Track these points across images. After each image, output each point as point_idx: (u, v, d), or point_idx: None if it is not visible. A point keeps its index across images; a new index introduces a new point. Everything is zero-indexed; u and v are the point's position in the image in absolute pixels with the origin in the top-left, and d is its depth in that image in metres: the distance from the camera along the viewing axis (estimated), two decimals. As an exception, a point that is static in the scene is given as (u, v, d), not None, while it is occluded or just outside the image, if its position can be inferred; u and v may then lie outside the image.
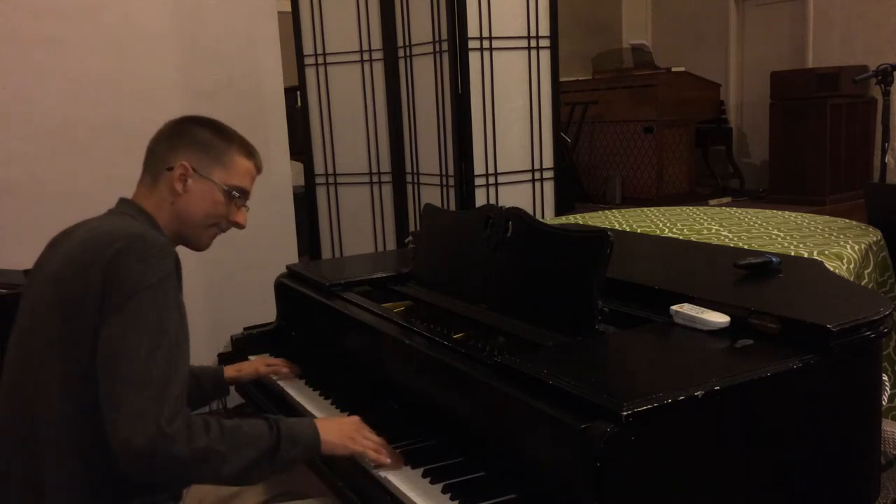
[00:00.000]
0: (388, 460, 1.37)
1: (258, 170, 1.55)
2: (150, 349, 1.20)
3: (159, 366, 1.20)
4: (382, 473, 1.35)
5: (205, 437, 1.21)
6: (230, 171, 1.48)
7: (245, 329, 2.19)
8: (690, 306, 1.40)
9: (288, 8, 3.70)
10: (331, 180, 3.81)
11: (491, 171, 3.44)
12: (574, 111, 6.32)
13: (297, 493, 1.59)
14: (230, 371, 1.84)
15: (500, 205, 1.77)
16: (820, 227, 2.46)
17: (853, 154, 5.84)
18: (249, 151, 1.53)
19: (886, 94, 3.47)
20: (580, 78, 6.94)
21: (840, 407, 1.26)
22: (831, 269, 1.79)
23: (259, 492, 1.56)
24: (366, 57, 3.67)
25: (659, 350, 1.37)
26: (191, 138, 1.47)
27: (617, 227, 2.61)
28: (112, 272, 1.24)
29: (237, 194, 1.49)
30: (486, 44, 3.35)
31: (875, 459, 1.35)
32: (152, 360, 1.20)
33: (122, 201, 1.47)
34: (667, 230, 2.51)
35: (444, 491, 1.26)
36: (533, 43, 3.45)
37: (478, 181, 3.41)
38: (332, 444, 1.37)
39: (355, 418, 1.46)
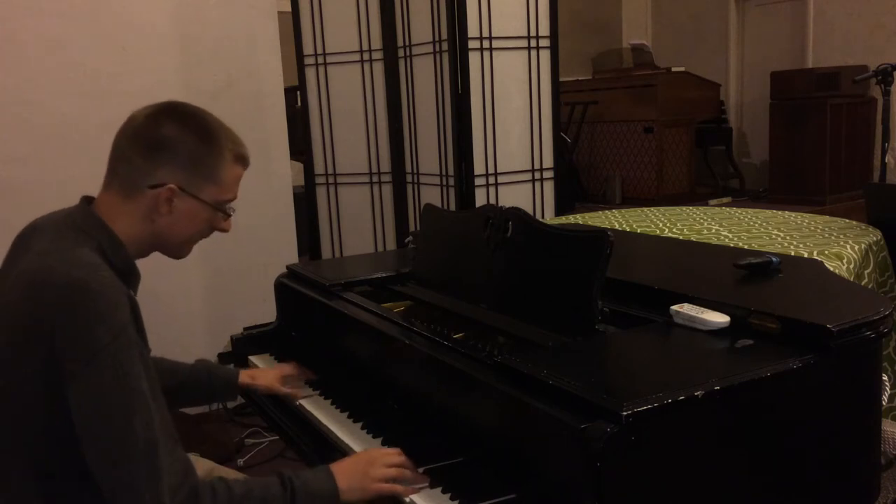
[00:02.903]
0: (417, 490, 1.28)
1: (247, 166, 1.39)
2: (123, 418, 1.11)
3: (138, 433, 1.11)
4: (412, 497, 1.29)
5: None
6: (221, 186, 1.32)
7: (245, 329, 2.18)
8: (690, 306, 1.39)
9: (288, 8, 3.70)
10: (331, 180, 3.81)
11: (491, 171, 3.44)
12: (574, 111, 6.33)
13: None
14: (244, 377, 1.79)
15: (500, 205, 1.76)
16: (820, 227, 2.46)
17: (853, 154, 5.85)
18: (240, 154, 1.35)
19: (886, 94, 3.47)
20: (580, 78, 6.95)
21: (840, 407, 1.26)
22: (831, 269, 1.78)
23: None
24: (366, 57, 3.67)
25: (659, 350, 1.37)
26: (175, 151, 1.27)
27: (617, 227, 2.61)
28: (60, 333, 1.12)
29: (227, 210, 1.36)
30: (486, 44, 3.34)
31: (875, 459, 1.35)
32: (129, 428, 1.11)
33: (84, 211, 1.29)
34: (667, 230, 2.51)
35: (444, 491, 1.26)
36: (533, 43, 3.45)
37: (478, 181, 3.41)
38: (352, 491, 1.28)
39: (368, 452, 1.37)
